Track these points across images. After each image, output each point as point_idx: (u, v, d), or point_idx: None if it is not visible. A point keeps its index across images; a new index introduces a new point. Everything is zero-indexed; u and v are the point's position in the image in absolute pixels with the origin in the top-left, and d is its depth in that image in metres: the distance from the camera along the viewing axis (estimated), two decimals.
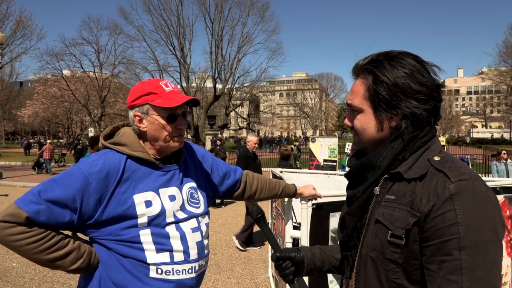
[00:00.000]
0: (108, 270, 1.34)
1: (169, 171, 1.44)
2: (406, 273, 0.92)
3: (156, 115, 1.39)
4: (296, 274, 1.22)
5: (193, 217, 1.46)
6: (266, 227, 1.31)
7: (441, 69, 1.00)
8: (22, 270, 4.94)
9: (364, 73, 1.02)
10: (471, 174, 0.91)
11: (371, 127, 1.01)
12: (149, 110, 1.39)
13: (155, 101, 1.38)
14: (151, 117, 1.39)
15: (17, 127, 54.55)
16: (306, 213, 2.36)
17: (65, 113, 36.97)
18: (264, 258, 5.42)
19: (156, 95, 1.38)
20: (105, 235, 1.33)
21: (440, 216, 0.86)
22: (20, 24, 24.72)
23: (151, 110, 1.39)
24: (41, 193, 1.25)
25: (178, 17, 30.13)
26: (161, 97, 1.38)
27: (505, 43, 38.26)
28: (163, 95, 1.38)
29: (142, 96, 1.40)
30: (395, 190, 0.97)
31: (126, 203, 1.32)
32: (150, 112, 1.39)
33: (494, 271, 0.84)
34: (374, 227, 0.98)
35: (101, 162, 1.33)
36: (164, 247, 1.35)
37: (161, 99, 1.37)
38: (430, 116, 0.98)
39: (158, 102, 1.37)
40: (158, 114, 1.39)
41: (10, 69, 40.85)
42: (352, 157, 1.13)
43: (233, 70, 31.62)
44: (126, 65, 30.87)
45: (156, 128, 1.39)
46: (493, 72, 44.32)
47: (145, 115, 1.40)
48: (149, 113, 1.39)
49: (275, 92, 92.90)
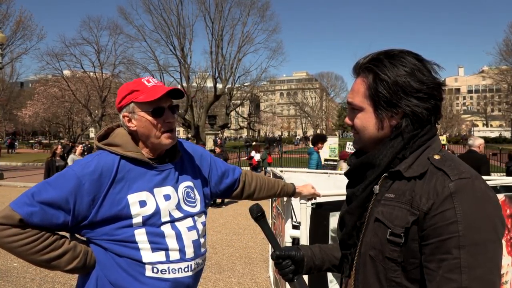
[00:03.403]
0: (105, 269, 1.35)
1: (164, 170, 1.44)
2: (405, 272, 0.92)
3: (141, 111, 1.38)
4: (295, 272, 1.21)
5: (189, 216, 1.46)
6: (266, 225, 1.31)
7: (441, 67, 1.00)
8: (23, 270, 4.95)
9: (364, 71, 1.02)
10: (471, 173, 0.91)
11: (371, 126, 1.01)
12: (135, 108, 1.39)
13: (138, 98, 1.38)
14: (137, 115, 1.39)
15: (18, 128, 54.63)
16: (306, 212, 2.35)
17: (65, 113, 36.95)
18: (264, 258, 5.41)
19: (139, 92, 1.38)
20: (101, 235, 1.33)
21: (439, 214, 0.86)
22: (20, 24, 24.68)
23: (136, 108, 1.39)
24: (35, 195, 1.26)
25: (178, 16, 30.10)
26: (143, 93, 1.38)
27: (505, 42, 38.16)
28: (145, 90, 1.38)
29: (126, 95, 1.41)
30: (395, 188, 0.97)
31: (120, 203, 1.32)
32: (135, 110, 1.39)
33: (493, 270, 0.84)
34: (373, 226, 0.98)
35: (94, 163, 1.33)
36: (160, 246, 1.35)
37: (144, 95, 1.37)
38: (431, 115, 0.98)
39: (141, 98, 1.37)
40: (143, 110, 1.38)
41: (10, 69, 40.79)
42: (352, 155, 1.13)
43: (233, 70, 31.60)
44: (126, 65, 30.88)
45: (144, 125, 1.39)
46: (494, 71, 44.26)
47: (132, 114, 1.40)
48: (135, 111, 1.39)
49: (276, 92, 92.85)
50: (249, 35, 31.88)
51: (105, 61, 30.75)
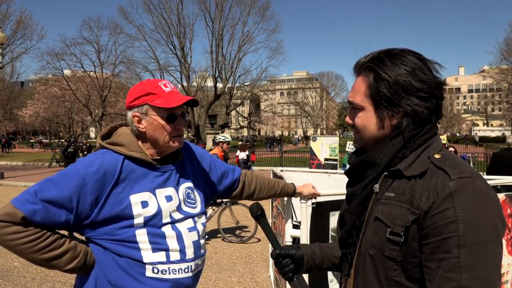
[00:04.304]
0: (104, 269, 1.35)
1: (166, 171, 1.44)
2: (405, 271, 0.92)
3: (155, 115, 1.39)
4: (295, 271, 1.21)
5: (190, 217, 1.46)
6: (266, 224, 1.31)
7: (442, 67, 1.00)
8: (23, 269, 4.95)
9: (365, 70, 1.02)
10: (471, 172, 0.90)
11: (372, 125, 1.01)
12: (148, 110, 1.39)
13: (154, 102, 1.38)
14: (150, 117, 1.39)
15: (18, 127, 54.70)
16: (306, 212, 2.35)
17: (66, 113, 37.03)
18: (265, 257, 5.42)
19: (156, 96, 1.38)
20: (101, 234, 1.33)
21: (439, 213, 0.86)
22: (20, 24, 24.69)
23: (150, 111, 1.39)
24: (37, 193, 1.25)
25: (179, 16, 30.10)
26: (160, 97, 1.38)
27: (506, 41, 38.12)
28: (162, 95, 1.38)
29: (141, 96, 1.40)
30: (395, 187, 0.96)
31: (122, 203, 1.32)
32: (149, 113, 1.39)
33: (494, 269, 0.83)
34: (373, 225, 0.98)
35: (98, 162, 1.32)
36: (160, 247, 1.35)
37: (160, 100, 1.37)
38: (432, 114, 0.98)
39: (158, 102, 1.37)
40: (157, 115, 1.39)
41: (11, 69, 40.89)
42: (353, 154, 1.13)
43: (233, 69, 31.59)
44: (126, 64, 30.92)
45: (155, 128, 1.39)
46: (494, 70, 44.22)
47: (144, 116, 1.40)
48: (148, 114, 1.39)
49: (276, 91, 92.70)
50: (249, 34, 31.92)
51: (105, 61, 30.85)
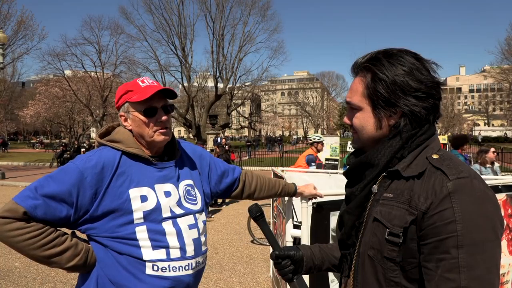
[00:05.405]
0: (105, 268, 1.35)
1: (165, 168, 1.46)
2: (404, 272, 0.92)
3: (134, 111, 1.42)
4: (295, 272, 1.21)
5: (190, 214, 1.47)
6: (265, 225, 1.31)
7: (439, 66, 1.00)
8: (24, 270, 4.96)
9: (363, 71, 1.02)
10: (470, 172, 0.90)
11: (369, 125, 1.01)
12: (129, 107, 1.43)
13: (132, 98, 1.41)
14: (131, 114, 1.43)
15: (20, 127, 54.76)
16: (307, 212, 2.36)
17: (67, 113, 37.02)
18: (265, 258, 5.42)
19: (133, 92, 1.42)
20: (102, 232, 1.34)
21: (437, 214, 0.86)
22: (21, 24, 24.65)
23: (130, 108, 1.43)
24: (38, 189, 1.28)
25: (179, 16, 30.08)
26: (136, 93, 1.41)
27: (507, 41, 37.97)
28: (138, 90, 1.41)
29: (122, 95, 1.45)
30: (393, 188, 0.96)
31: (121, 197, 1.34)
32: (130, 110, 1.43)
33: (492, 269, 0.83)
34: (372, 225, 0.98)
35: (96, 157, 1.36)
36: (160, 244, 1.36)
37: (136, 95, 1.40)
38: (429, 114, 0.98)
39: (134, 98, 1.40)
40: (136, 110, 1.42)
41: (12, 69, 40.98)
42: (351, 155, 1.13)
43: (234, 69, 31.57)
44: (127, 65, 30.88)
45: (138, 124, 1.42)
46: (495, 70, 44.10)
47: (127, 114, 1.44)
48: (129, 111, 1.43)
49: (277, 91, 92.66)
50: (250, 34, 31.89)
51: (106, 61, 30.78)
